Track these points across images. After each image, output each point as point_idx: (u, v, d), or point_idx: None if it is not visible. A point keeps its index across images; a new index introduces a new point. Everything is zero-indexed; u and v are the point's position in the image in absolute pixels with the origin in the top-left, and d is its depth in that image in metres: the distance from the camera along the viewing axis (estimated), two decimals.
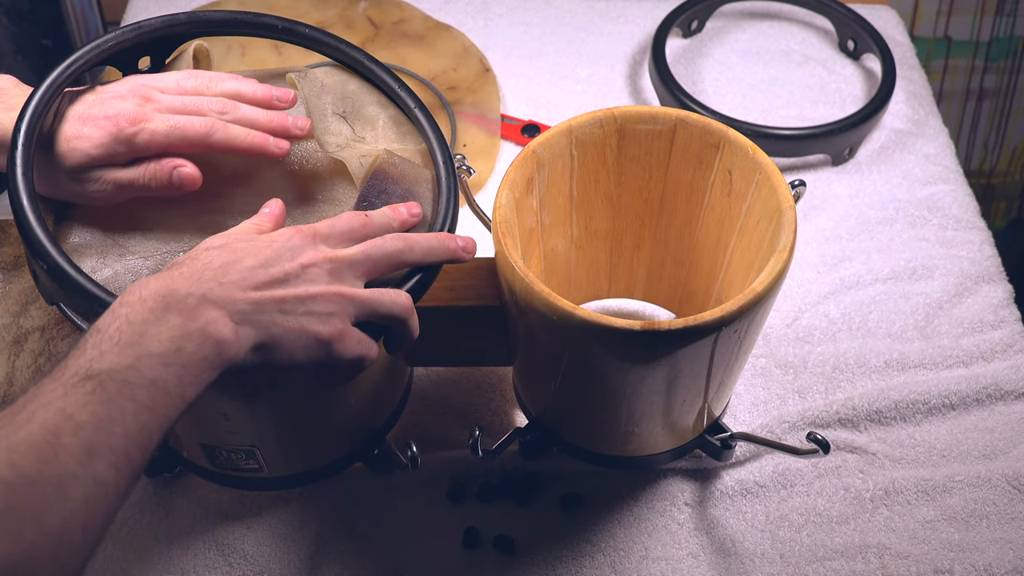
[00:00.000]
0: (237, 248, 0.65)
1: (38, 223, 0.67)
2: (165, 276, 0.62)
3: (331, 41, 0.81)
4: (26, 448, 0.53)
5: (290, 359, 0.64)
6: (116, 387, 0.56)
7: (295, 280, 0.64)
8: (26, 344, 0.76)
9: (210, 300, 0.61)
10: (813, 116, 1.18)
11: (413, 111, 0.80)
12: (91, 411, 0.55)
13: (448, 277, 0.79)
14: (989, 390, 0.95)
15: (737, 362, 0.80)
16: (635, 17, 1.32)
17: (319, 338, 0.64)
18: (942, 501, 0.88)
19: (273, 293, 0.63)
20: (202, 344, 0.60)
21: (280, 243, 0.66)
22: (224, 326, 0.61)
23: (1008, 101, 1.71)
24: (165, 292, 0.60)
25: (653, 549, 0.86)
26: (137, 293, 0.60)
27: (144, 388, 0.57)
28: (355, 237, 0.69)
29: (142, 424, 0.56)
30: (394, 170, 0.76)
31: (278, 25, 0.80)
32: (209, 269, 0.63)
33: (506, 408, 0.95)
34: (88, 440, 0.54)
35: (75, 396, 0.55)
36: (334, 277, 0.66)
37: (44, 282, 0.69)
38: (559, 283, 0.91)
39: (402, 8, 1.30)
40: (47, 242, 0.67)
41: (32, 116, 0.69)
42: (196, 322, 0.60)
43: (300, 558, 0.85)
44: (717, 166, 0.82)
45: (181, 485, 0.89)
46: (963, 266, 1.05)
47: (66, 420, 0.54)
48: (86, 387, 0.55)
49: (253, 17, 0.80)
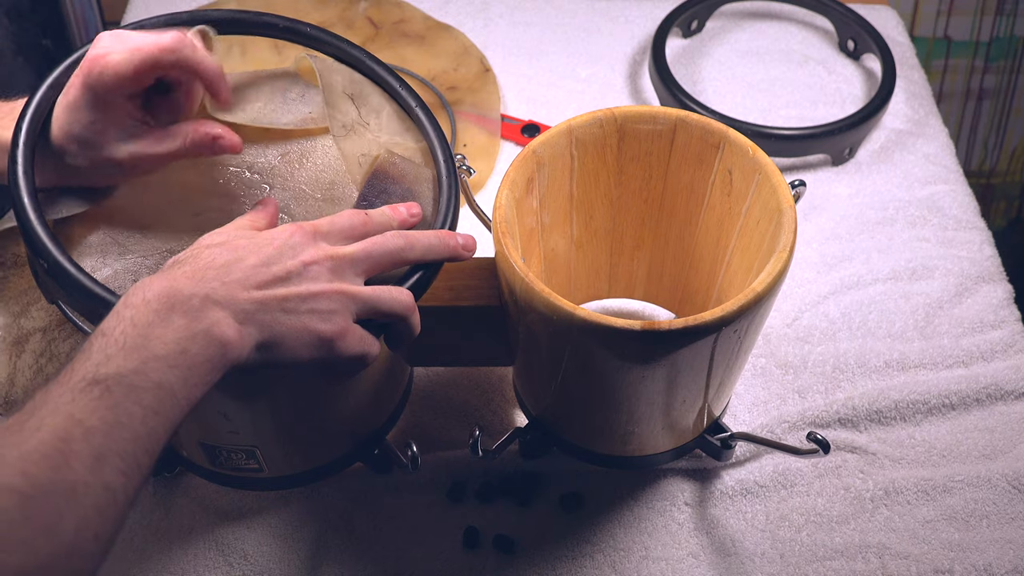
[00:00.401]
0: (239, 246, 0.65)
1: (39, 222, 0.67)
2: (168, 276, 0.62)
3: (333, 40, 0.81)
4: (38, 457, 0.53)
5: (293, 357, 0.64)
6: (123, 392, 0.56)
7: (297, 278, 0.64)
8: (27, 345, 0.76)
9: (214, 300, 0.61)
10: (813, 116, 1.18)
11: (414, 110, 0.80)
12: (99, 416, 0.55)
13: (448, 277, 0.79)
14: (989, 390, 0.95)
15: (737, 362, 0.80)
16: (635, 17, 1.32)
17: (321, 336, 0.64)
18: (942, 501, 0.88)
19: (276, 292, 0.63)
20: (207, 345, 0.60)
21: (281, 240, 0.65)
22: (228, 327, 0.61)
23: (1008, 101, 1.71)
24: (169, 293, 0.60)
25: (653, 549, 0.86)
26: (140, 294, 0.60)
27: (150, 392, 0.57)
28: (355, 235, 0.69)
29: (149, 428, 0.57)
30: (394, 169, 0.76)
31: (279, 24, 0.80)
32: (212, 268, 0.63)
33: (506, 408, 0.95)
34: (97, 446, 0.54)
35: (83, 401, 0.55)
36: (335, 275, 0.66)
37: (44, 281, 0.69)
38: (559, 283, 0.91)
39: (402, 8, 1.30)
40: (48, 241, 0.67)
41: (34, 114, 0.69)
42: (200, 323, 0.60)
43: (300, 558, 0.85)
44: (717, 166, 0.82)
45: (181, 485, 0.89)
46: (963, 266, 1.05)
47: (75, 426, 0.54)
48: (93, 392, 0.55)
49: (255, 16, 0.80)
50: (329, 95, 0.77)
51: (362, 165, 0.76)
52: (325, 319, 0.64)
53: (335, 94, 0.78)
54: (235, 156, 0.76)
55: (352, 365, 0.67)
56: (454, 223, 0.75)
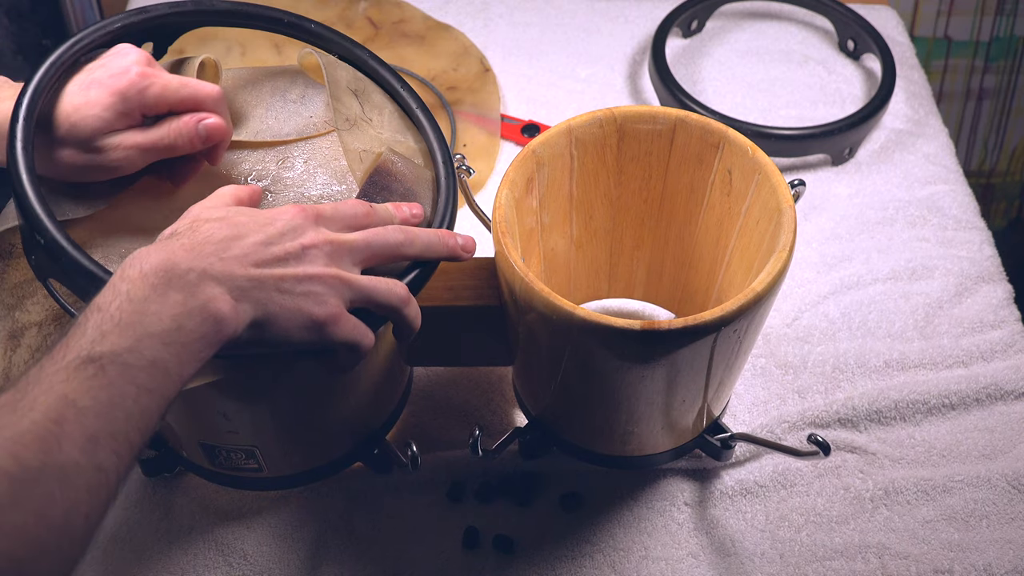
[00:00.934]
0: (239, 222, 0.64)
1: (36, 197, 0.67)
2: (165, 248, 0.61)
3: (336, 38, 0.81)
4: (30, 439, 0.52)
5: (284, 336, 0.64)
6: (117, 370, 0.56)
7: (295, 260, 0.64)
8: (23, 339, 0.75)
9: (211, 275, 0.61)
10: (813, 116, 1.18)
11: (415, 111, 0.80)
12: (93, 396, 0.55)
13: (448, 277, 0.79)
14: (989, 390, 0.95)
15: (737, 362, 0.80)
16: (635, 17, 1.32)
17: (314, 318, 0.64)
18: (942, 501, 0.88)
19: (273, 271, 0.63)
20: (202, 322, 0.59)
21: (283, 221, 0.65)
22: (224, 303, 0.60)
23: (1008, 101, 1.71)
24: (166, 267, 0.60)
25: (653, 549, 0.86)
26: (138, 267, 0.60)
27: (144, 370, 0.57)
28: (357, 224, 0.69)
29: (143, 407, 0.56)
30: (395, 168, 0.76)
31: (284, 19, 0.80)
32: (210, 243, 0.62)
33: (506, 408, 0.95)
34: (90, 427, 0.54)
35: (77, 381, 0.55)
36: (332, 260, 0.66)
37: (40, 258, 0.68)
38: (559, 283, 0.91)
39: (402, 8, 1.30)
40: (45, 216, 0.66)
41: (34, 91, 0.69)
42: (197, 299, 0.60)
43: (300, 558, 0.85)
44: (717, 166, 0.82)
45: (181, 485, 0.89)
46: (963, 266, 1.05)
47: (68, 406, 0.54)
48: (88, 371, 0.55)
49: (259, 9, 0.80)
50: (334, 88, 0.77)
51: (363, 160, 0.76)
52: (319, 302, 0.64)
53: (340, 88, 0.78)
54: (235, 165, 0.77)
55: (346, 352, 0.67)
56: (451, 225, 0.75)
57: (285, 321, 0.63)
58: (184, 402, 0.67)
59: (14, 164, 0.67)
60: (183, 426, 0.80)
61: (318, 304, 0.64)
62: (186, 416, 0.78)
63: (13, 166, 0.67)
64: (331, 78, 0.78)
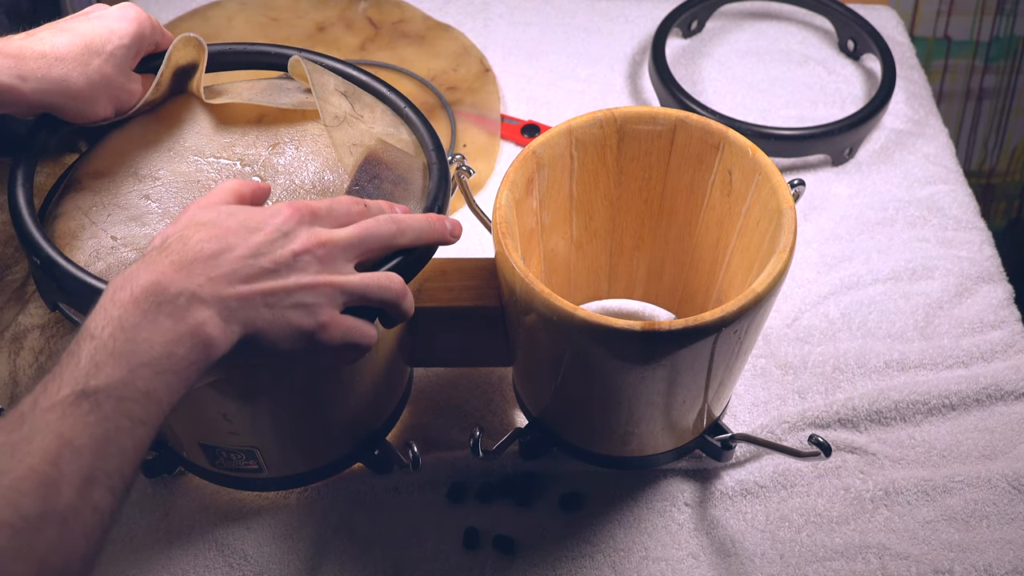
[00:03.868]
0: (228, 229, 0.63)
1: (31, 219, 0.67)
2: (154, 266, 0.61)
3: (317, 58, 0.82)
4: (28, 487, 0.52)
5: (272, 351, 0.63)
6: (112, 405, 0.56)
7: (286, 270, 0.63)
8: (25, 342, 0.75)
9: (200, 298, 0.60)
10: (813, 116, 1.18)
11: (403, 109, 0.80)
12: (89, 433, 0.54)
13: (448, 277, 0.79)
14: (989, 390, 0.95)
15: (737, 362, 0.80)
16: (635, 17, 1.32)
17: (302, 330, 0.64)
18: (942, 501, 0.88)
19: (261, 286, 0.62)
20: (192, 348, 0.59)
21: (273, 227, 0.64)
22: (213, 327, 0.60)
23: (1008, 101, 1.71)
24: (156, 290, 0.59)
25: (653, 549, 0.86)
26: (128, 290, 0.59)
27: (138, 402, 0.57)
28: (350, 223, 0.68)
29: (136, 440, 0.56)
30: (387, 156, 0.76)
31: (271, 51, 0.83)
32: (199, 260, 0.61)
33: (506, 408, 0.95)
34: (87, 467, 0.54)
35: (73, 418, 0.55)
36: (325, 265, 0.65)
37: (43, 282, 0.69)
38: (559, 283, 0.91)
39: (402, 8, 1.30)
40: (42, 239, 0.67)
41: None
42: (187, 323, 0.59)
43: (300, 558, 0.85)
44: (717, 166, 0.82)
45: (181, 485, 0.89)
46: (963, 266, 1.05)
47: (65, 446, 0.54)
48: (83, 407, 0.55)
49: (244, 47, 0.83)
50: (320, 91, 0.77)
51: (353, 154, 0.75)
52: (308, 313, 0.64)
53: (327, 90, 0.78)
54: (226, 149, 0.76)
55: (348, 353, 0.67)
56: (444, 209, 0.75)
57: (273, 335, 0.63)
58: (184, 403, 0.67)
59: (13, 192, 0.70)
60: (183, 427, 0.80)
61: (307, 315, 0.64)
62: (186, 417, 0.78)
63: (12, 196, 0.70)
64: (316, 82, 0.78)
